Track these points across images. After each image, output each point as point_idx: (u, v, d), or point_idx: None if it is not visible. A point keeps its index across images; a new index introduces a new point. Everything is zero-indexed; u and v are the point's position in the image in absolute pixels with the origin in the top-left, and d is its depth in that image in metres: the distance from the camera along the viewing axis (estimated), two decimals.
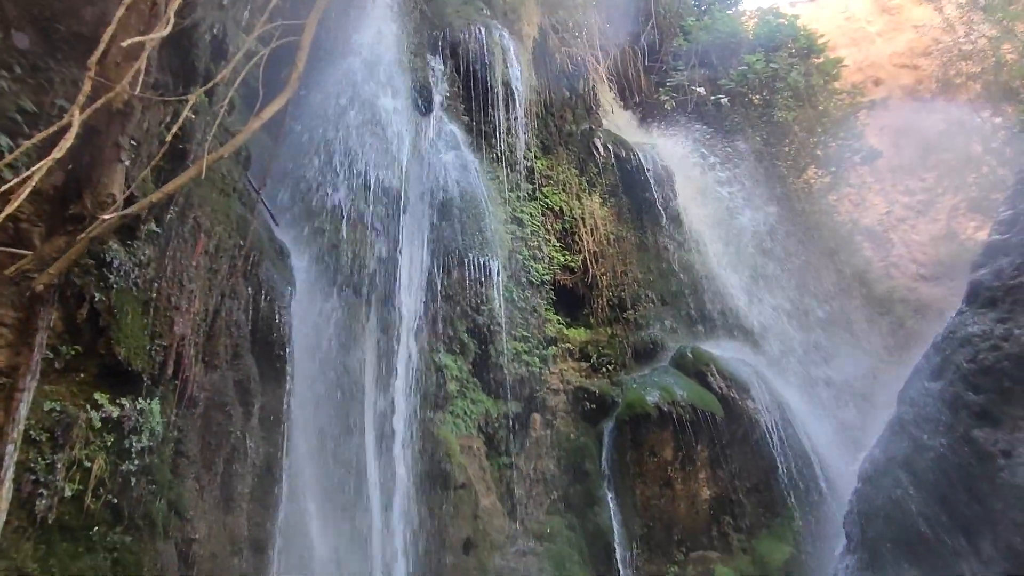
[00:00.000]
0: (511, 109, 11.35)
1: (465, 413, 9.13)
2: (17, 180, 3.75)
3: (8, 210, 3.70)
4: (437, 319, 9.21)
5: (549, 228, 11.41)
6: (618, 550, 8.88)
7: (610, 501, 9.25)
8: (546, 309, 10.77)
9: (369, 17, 10.16)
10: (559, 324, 10.84)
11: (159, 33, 4.54)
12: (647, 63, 16.89)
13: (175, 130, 4.96)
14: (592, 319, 11.23)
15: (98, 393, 4.60)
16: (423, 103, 10.44)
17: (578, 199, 11.89)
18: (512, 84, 11.40)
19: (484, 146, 10.99)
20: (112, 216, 4.32)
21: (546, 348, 10.40)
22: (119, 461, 4.65)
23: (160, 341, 5.09)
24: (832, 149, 15.95)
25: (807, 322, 12.99)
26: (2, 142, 4.17)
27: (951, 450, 5.75)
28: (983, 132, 15.86)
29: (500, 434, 9.40)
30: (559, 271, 11.20)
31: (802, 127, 15.78)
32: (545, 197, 11.58)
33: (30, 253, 4.20)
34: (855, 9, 21.26)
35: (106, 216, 4.28)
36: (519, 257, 10.70)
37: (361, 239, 8.43)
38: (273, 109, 5.70)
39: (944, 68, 17.89)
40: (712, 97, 15.75)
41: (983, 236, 8.36)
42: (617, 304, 11.33)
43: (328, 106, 9.16)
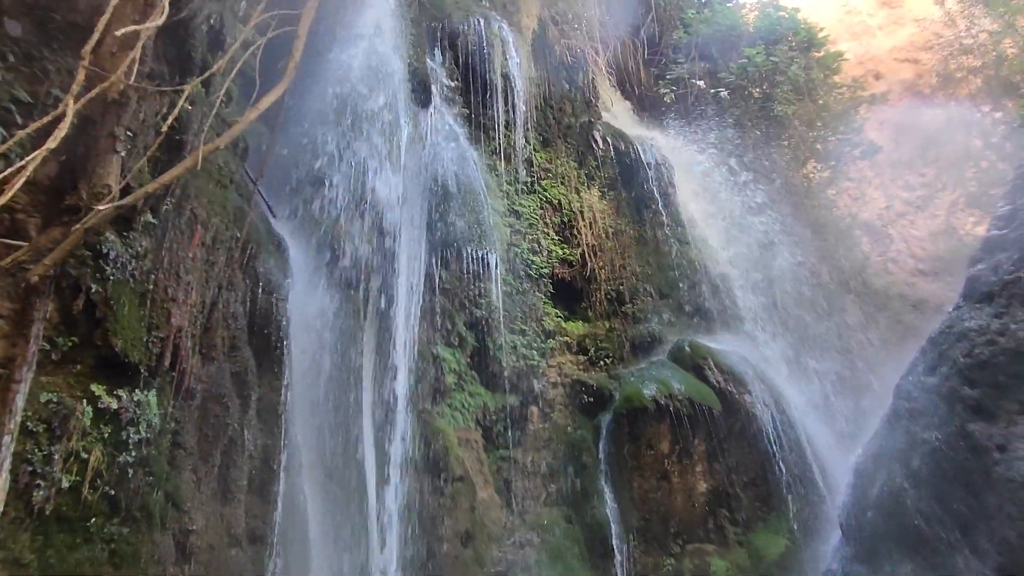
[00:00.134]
0: (510, 101, 11.27)
1: (463, 406, 9.14)
2: (11, 170, 3.74)
3: (2, 200, 3.69)
4: (435, 312, 9.19)
5: (548, 221, 11.37)
6: (615, 542, 8.91)
7: (607, 494, 9.27)
8: (544, 302, 10.75)
9: (367, 8, 10.07)
10: (557, 317, 10.83)
11: (155, 22, 4.51)
12: (647, 56, 16.81)
13: (171, 120, 4.94)
14: (590, 312, 11.22)
15: (95, 385, 4.61)
16: (421, 95, 10.37)
17: (577, 192, 11.84)
18: (511, 76, 11.31)
19: (483, 139, 10.93)
20: (108, 207, 4.30)
21: (544, 341, 10.40)
22: (116, 453, 4.67)
23: (157, 333, 5.08)
24: (832, 143, 15.90)
25: (804, 316, 12.98)
26: None
27: (946, 444, 5.76)
28: (983, 127, 15.81)
29: (498, 427, 9.42)
30: (557, 264, 11.18)
31: (802, 121, 15.71)
32: (544, 190, 11.53)
33: (25, 244, 4.19)
34: (856, 3, 21.18)
35: (102, 207, 4.27)
36: (517, 250, 10.67)
37: (359, 232, 8.41)
38: (270, 99, 5.69)
39: (945, 62, 17.84)
40: (712, 90, 15.69)
41: (982, 231, 8.36)
42: (615, 298, 11.32)
43: (325, 97, 9.11)
